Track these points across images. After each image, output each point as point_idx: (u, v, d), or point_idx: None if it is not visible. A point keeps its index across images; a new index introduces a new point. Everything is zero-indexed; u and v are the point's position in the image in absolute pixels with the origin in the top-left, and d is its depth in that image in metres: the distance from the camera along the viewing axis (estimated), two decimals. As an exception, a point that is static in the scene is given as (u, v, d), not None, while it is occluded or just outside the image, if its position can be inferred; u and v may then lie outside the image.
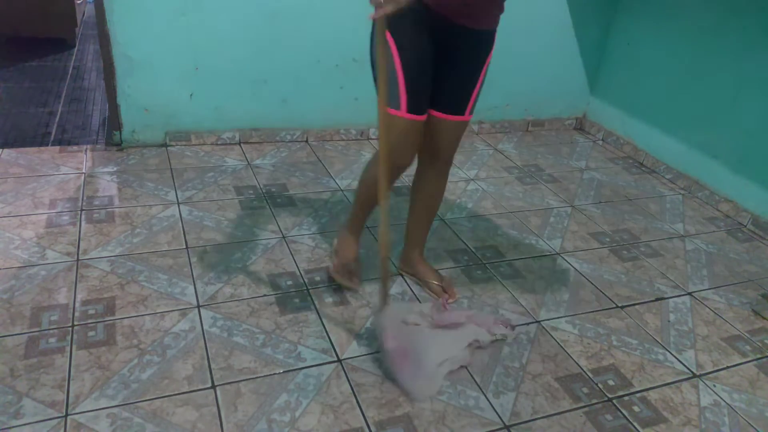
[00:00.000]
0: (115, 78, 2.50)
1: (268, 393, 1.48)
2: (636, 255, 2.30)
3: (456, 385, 1.57)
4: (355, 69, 2.85)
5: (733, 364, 1.80)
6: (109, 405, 1.39)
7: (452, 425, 1.45)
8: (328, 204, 2.38)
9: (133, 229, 2.07)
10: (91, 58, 3.86)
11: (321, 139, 2.97)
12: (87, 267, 1.85)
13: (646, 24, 3.10)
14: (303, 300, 1.82)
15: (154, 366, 1.51)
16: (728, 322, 1.98)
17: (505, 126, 3.39)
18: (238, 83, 2.70)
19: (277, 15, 2.60)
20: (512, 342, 1.76)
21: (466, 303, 1.90)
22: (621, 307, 1.99)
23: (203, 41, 2.54)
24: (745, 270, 2.31)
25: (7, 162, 2.41)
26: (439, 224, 2.33)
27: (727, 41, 2.69)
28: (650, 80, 3.10)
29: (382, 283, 1.56)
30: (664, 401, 1.61)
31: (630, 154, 3.26)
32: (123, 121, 2.60)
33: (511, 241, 2.28)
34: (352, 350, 1.65)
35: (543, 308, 1.93)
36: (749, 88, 2.61)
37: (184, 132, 2.72)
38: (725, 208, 2.74)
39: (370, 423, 1.43)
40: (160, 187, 2.35)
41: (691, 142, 2.92)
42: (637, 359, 1.76)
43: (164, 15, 2.44)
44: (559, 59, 3.31)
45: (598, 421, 1.52)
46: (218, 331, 1.66)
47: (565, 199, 2.69)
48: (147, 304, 1.72)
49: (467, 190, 2.66)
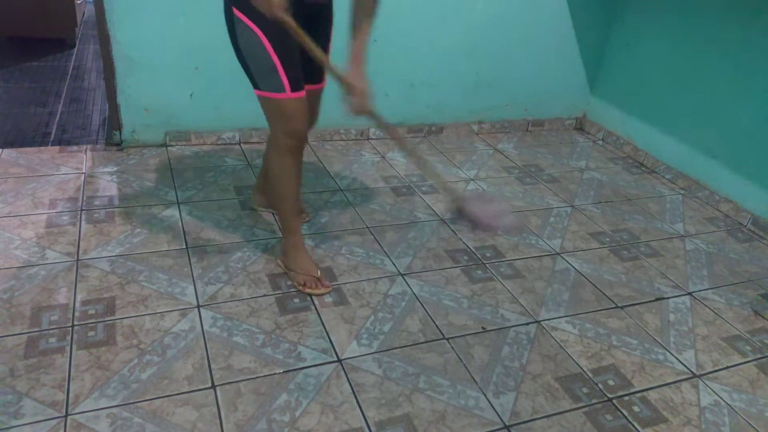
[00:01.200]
0: (115, 78, 2.50)
1: (268, 393, 1.48)
2: (636, 255, 2.30)
3: (456, 385, 1.58)
4: (355, 69, 2.85)
5: (733, 364, 1.80)
6: (109, 405, 1.39)
7: (452, 425, 1.45)
8: (328, 204, 2.38)
9: (133, 229, 2.07)
10: (91, 58, 3.86)
11: (321, 138, 2.97)
12: (87, 267, 1.85)
13: (646, 24, 3.10)
14: (303, 300, 1.82)
15: (154, 366, 1.51)
16: (728, 322, 1.98)
17: (505, 126, 3.39)
18: (238, 83, 2.68)
19: (277, 15, 2.59)
20: (512, 342, 1.76)
21: (466, 303, 1.90)
22: (621, 307, 1.99)
23: (203, 41, 2.54)
24: (745, 270, 2.31)
25: (7, 162, 2.41)
26: (439, 224, 2.34)
27: (727, 41, 2.69)
28: (650, 80, 3.10)
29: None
30: (664, 401, 1.61)
31: (630, 154, 3.26)
32: (123, 121, 2.60)
33: (511, 241, 2.28)
34: (352, 350, 1.65)
35: (543, 308, 1.93)
36: (749, 88, 2.61)
37: (184, 132, 2.72)
38: (725, 208, 2.74)
39: (370, 423, 1.43)
40: (160, 187, 2.35)
41: (691, 142, 2.92)
42: (637, 359, 1.76)
43: (164, 15, 2.44)
44: (559, 59, 3.31)
45: (598, 421, 1.52)
46: (218, 331, 1.66)
47: (565, 199, 2.69)
48: (147, 304, 1.72)
49: (467, 190, 2.66)
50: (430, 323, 1.79)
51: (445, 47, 2.98)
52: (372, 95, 1.66)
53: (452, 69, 3.07)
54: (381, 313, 1.81)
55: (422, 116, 3.16)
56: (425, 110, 3.14)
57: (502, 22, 3.02)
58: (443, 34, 2.94)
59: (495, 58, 3.13)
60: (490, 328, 1.81)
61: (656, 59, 3.05)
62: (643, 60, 3.13)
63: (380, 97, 2.99)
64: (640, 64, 3.15)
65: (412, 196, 2.52)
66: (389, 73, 2.94)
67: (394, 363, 1.62)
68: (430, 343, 1.71)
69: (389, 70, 2.93)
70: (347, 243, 2.13)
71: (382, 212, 2.37)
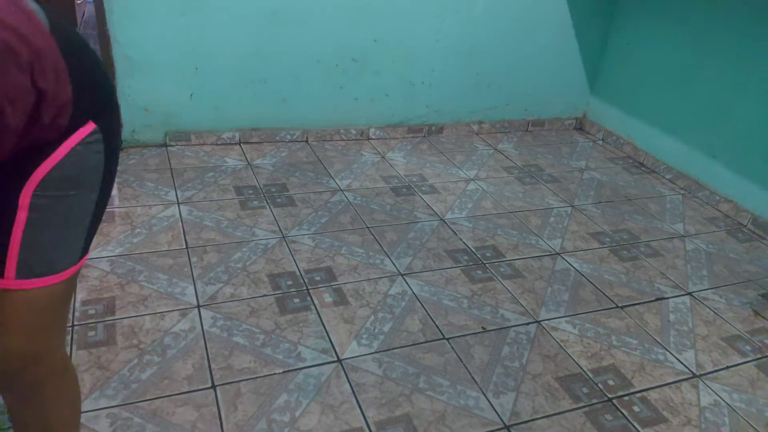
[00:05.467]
0: (115, 78, 2.49)
1: (268, 393, 1.48)
2: (636, 255, 2.30)
3: (456, 385, 1.58)
4: (355, 69, 2.85)
5: (733, 364, 1.80)
6: (109, 405, 1.39)
7: (452, 425, 1.45)
8: (328, 204, 2.38)
9: (133, 229, 2.07)
10: (91, 58, 3.85)
11: (321, 139, 2.97)
12: (87, 267, 1.85)
13: (646, 24, 3.10)
14: (303, 300, 1.82)
15: (154, 366, 1.51)
16: (728, 322, 1.98)
17: (505, 126, 3.39)
18: (238, 83, 2.70)
19: (277, 15, 2.60)
20: (512, 342, 1.76)
21: (466, 303, 1.90)
22: (621, 307, 1.99)
23: (203, 41, 2.54)
24: (745, 270, 2.31)
25: (7, 162, 2.41)
26: (439, 224, 2.34)
27: (727, 41, 2.69)
28: (650, 80, 3.10)
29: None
30: (664, 401, 1.61)
31: (630, 154, 3.26)
32: (123, 121, 2.60)
33: (511, 241, 2.28)
34: (352, 350, 1.65)
35: (543, 308, 1.93)
36: (749, 88, 2.61)
37: (184, 132, 2.72)
38: (725, 208, 2.74)
39: (370, 423, 1.43)
40: (160, 187, 2.35)
41: (691, 142, 2.92)
42: (637, 359, 1.76)
43: (164, 15, 2.44)
44: (559, 59, 3.30)
45: (598, 421, 1.52)
46: (218, 331, 1.66)
47: (565, 199, 2.69)
48: (147, 304, 1.72)
49: (467, 190, 2.66)
50: (430, 323, 1.79)
51: (445, 47, 2.98)
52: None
53: (452, 69, 3.07)
54: (381, 313, 1.81)
55: (422, 116, 3.16)
56: (425, 110, 3.14)
57: (502, 22, 3.02)
58: (443, 34, 2.94)
59: (495, 58, 3.13)
60: (490, 328, 1.81)
61: (656, 59, 3.05)
62: (643, 60, 3.13)
63: (380, 97, 3.00)
64: (640, 64, 3.15)
65: (412, 196, 2.52)
66: (389, 73, 2.94)
67: (394, 363, 1.62)
68: (430, 343, 1.71)
69: (389, 70, 2.93)
70: (347, 243, 2.13)
71: (382, 212, 2.37)
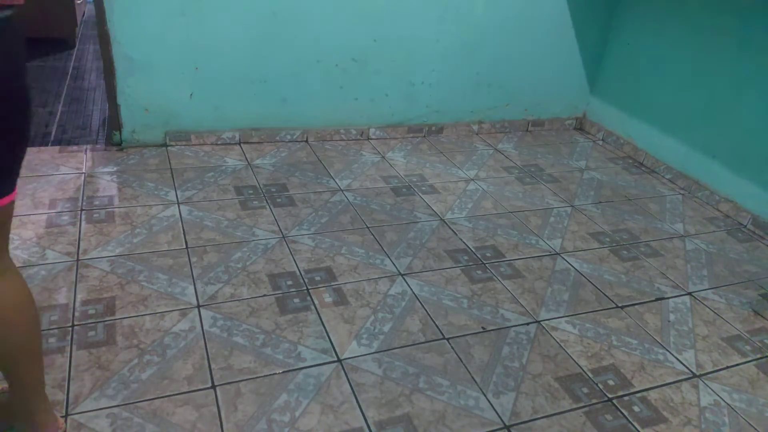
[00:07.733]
0: (115, 78, 2.49)
1: (268, 393, 1.48)
2: (636, 255, 2.30)
3: (456, 385, 1.58)
4: (354, 69, 2.85)
5: (733, 364, 1.80)
6: (109, 405, 1.39)
7: (452, 425, 1.45)
8: (328, 204, 2.38)
9: (133, 229, 2.07)
10: (91, 58, 3.85)
11: (321, 138, 2.97)
12: (87, 267, 1.85)
13: (646, 24, 3.10)
14: (303, 300, 1.82)
15: (154, 366, 1.51)
16: (728, 322, 1.98)
17: (505, 126, 3.39)
18: (238, 83, 2.70)
19: (277, 15, 2.60)
20: (512, 342, 1.76)
21: (466, 303, 1.90)
22: (621, 307, 1.99)
23: (203, 41, 2.54)
24: (745, 270, 2.31)
25: (7, 162, 2.41)
26: (439, 224, 2.34)
27: (727, 41, 2.69)
28: (650, 80, 3.10)
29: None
30: (664, 401, 1.61)
31: (630, 154, 3.26)
32: (123, 121, 2.60)
33: (511, 241, 2.28)
34: (352, 350, 1.65)
35: (543, 308, 1.93)
36: (749, 88, 2.61)
37: (184, 132, 2.72)
38: (725, 208, 2.74)
39: (370, 423, 1.43)
40: (160, 187, 2.35)
41: (691, 142, 2.92)
42: (637, 359, 1.76)
43: (164, 15, 2.44)
44: (559, 59, 3.30)
45: (598, 421, 1.52)
46: (218, 331, 1.66)
47: (565, 199, 2.69)
48: (147, 304, 1.72)
49: (467, 190, 2.66)
50: (430, 323, 1.79)
51: (445, 47, 2.98)
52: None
53: (452, 69, 3.07)
54: (381, 313, 1.81)
55: (422, 116, 3.16)
56: (425, 110, 3.14)
57: (502, 22, 3.02)
58: (443, 34, 2.94)
59: (495, 58, 3.13)
60: (490, 328, 1.81)
61: (656, 59, 3.05)
62: (644, 60, 3.13)
63: (380, 97, 3.00)
64: (640, 64, 3.15)
65: (412, 196, 2.53)
66: (389, 73, 2.94)
67: (394, 363, 1.62)
68: (430, 343, 1.71)
69: (389, 70, 2.93)
70: (347, 243, 2.13)
71: (382, 212, 2.37)
